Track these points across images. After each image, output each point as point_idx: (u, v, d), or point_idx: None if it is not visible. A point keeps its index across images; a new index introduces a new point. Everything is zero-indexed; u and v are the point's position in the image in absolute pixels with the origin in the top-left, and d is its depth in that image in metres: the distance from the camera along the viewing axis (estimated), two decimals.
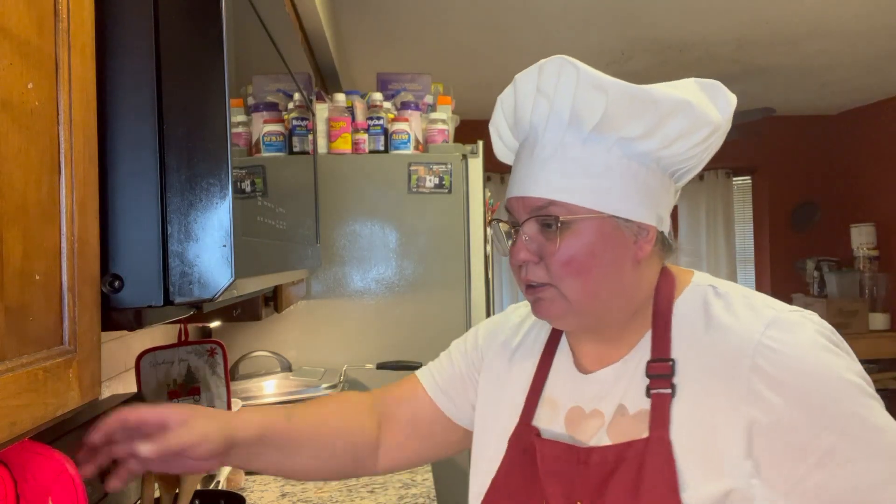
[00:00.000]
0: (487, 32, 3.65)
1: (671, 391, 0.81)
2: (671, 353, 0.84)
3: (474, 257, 2.27)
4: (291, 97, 1.19)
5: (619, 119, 0.82)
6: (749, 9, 3.40)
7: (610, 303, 0.86)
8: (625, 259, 0.85)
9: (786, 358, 0.77)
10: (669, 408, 0.81)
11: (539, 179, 0.84)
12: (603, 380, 0.89)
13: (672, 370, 0.82)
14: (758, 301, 0.85)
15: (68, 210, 0.59)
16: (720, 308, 0.84)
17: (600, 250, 0.83)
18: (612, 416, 0.85)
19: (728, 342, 0.81)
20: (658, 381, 0.82)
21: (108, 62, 0.69)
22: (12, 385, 0.50)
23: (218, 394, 1.38)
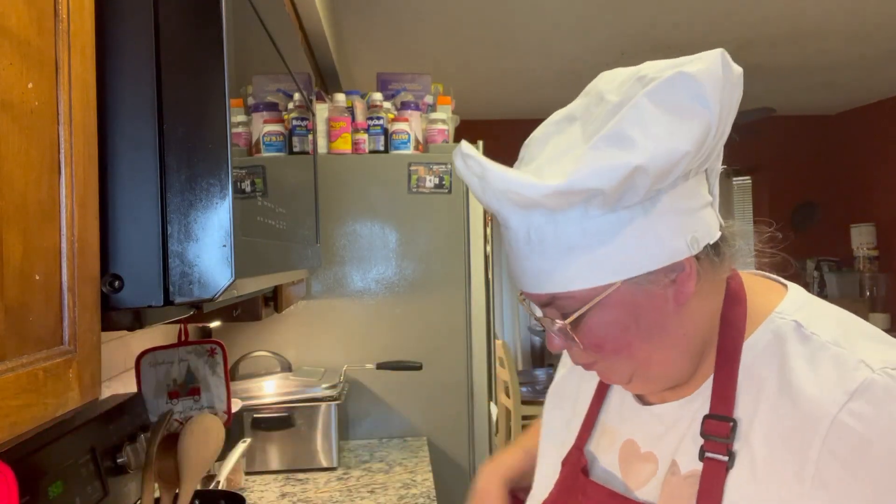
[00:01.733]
0: (487, 32, 3.65)
1: (728, 459, 0.68)
2: (734, 412, 0.70)
3: (474, 257, 2.27)
4: (291, 97, 1.19)
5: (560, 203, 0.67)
6: (749, 9, 3.40)
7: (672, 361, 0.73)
8: (664, 315, 0.71)
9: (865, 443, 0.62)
10: (724, 480, 0.68)
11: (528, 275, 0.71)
12: (661, 416, 0.77)
13: (732, 433, 0.69)
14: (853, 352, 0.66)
15: (68, 210, 0.59)
16: (801, 361, 0.68)
17: (631, 322, 0.70)
18: (665, 472, 0.74)
19: (799, 410, 0.65)
20: (714, 444, 0.69)
21: (108, 62, 0.69)
22: (12, 385, 0.50)
23: (218, 394, 1.38)
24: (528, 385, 4.70)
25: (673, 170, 0.65)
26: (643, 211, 0.67)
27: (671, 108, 0.64)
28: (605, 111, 0.68)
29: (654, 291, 0.69)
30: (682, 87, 0.65)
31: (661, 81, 0.65)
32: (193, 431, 1.22)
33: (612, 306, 0.69)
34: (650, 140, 0.63)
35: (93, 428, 1.16)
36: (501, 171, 0.66)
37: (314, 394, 1.97)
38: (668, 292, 0.70)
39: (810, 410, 0.65)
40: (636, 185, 0.64)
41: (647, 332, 0.71)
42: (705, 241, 0.70)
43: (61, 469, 1.03)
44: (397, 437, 2.26)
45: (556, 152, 0.70)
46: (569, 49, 3.98)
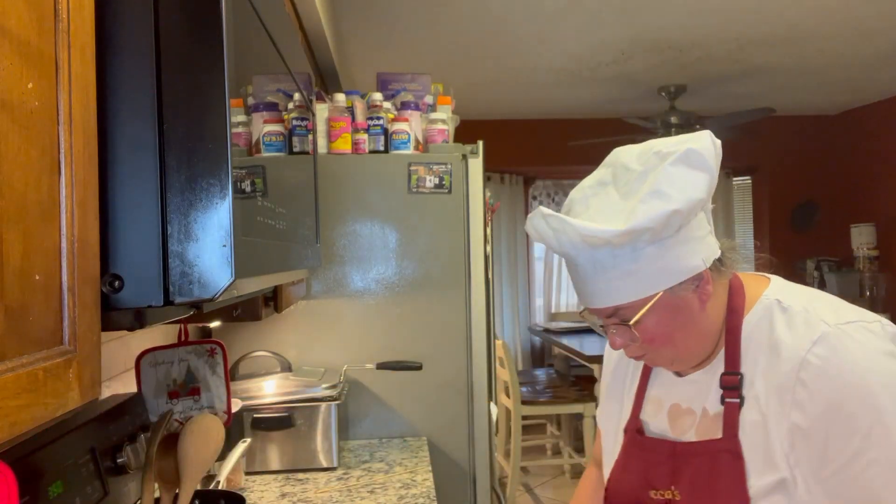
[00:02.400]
0: (487, 32, 3.65)
1: (740, 401, 0.98)
2: (740, 368, 0.99)
3: (474, 257, 2.27)
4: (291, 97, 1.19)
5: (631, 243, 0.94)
6: (749, 9, 3.40)
7: (700, 344, 1.02)
8: (693, 311, 0.99)
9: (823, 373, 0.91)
10: (738, 414, 0.97)
11: (595, 294, 0.98)
12: (693, 382, 1.05)
13: (740, 383, 0.98)
14: (817, 314, 0.96)
15: (68, 210, 0.59)
16: (782, 324, 0.97)
17: (671, 319, 0.98)
18: (700, 417, 1.03)
19: (781, 358, 0.95)
20: (729, 392, 0.99)
21: (108, 62, 0.69)
22: (12, 385, 0.50)
23: (218, 394, 1.38)
24: (528, 385, 4.70)
25: (695, 210, 0.93)
26: (674, 241, 0.95)
27: (688, 170, 0.93)
28: (634, 177, 0.96)
29: (685, 296, 0.98)
30: (693, 157, 0.93)
31: (679, 154, 0.93)
32: (193, 431, 1.22)
33: (659, 310, 0.97)
34: (680, 192, 0.91)
35: (93, 428, 1.16)
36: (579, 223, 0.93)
37: (314, 394, 1.97)
38: (694, 296, 0.98)
39: (788, 356, 0.94)
40: (671, 223, 0.92)
41: (683, 325, 0.99)
42: (712, 257, 0.99)
43: (61, 469, 1.03)
44: (397, 437, 2.26)
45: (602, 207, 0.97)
46: (569, 49, 3.97)
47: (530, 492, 4.50)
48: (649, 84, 4.73)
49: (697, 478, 0.99)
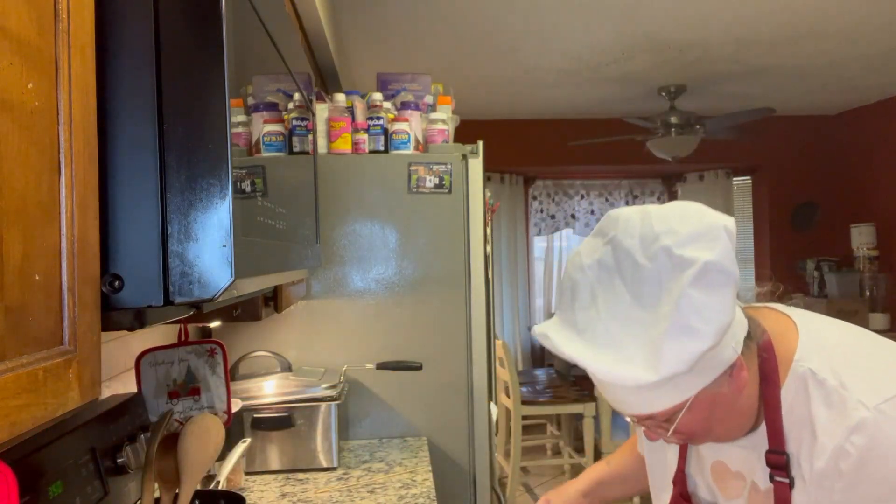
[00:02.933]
0: (487, 32, 3.65)
1: (790, 482, 0.94)
2: (785, 447, 0.95)
3: (474, 257, 2.27)
4: (291, 97, 1.19)
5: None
6: (748, 9, 3.40)
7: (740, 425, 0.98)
8: (729, 399, 0.94)
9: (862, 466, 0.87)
10: (790, 496, 0.94)
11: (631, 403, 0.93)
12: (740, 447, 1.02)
13: (787, 463, 0.94)
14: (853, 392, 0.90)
15: (68, 210, 0.59)
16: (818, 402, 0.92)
17: (709, 414, 0.93)
18: (749, 489, 1.00)
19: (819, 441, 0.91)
20: (777, 471, 0.95)
21: (108, 62, 0.69)
22: (12, 385, 0.50)
23: (218, 394, 1.38)
24: (528, 385, 4.69)
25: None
26: None
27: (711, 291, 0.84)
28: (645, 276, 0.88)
29: (720, 390, 0.92)
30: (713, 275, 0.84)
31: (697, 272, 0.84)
32: (193, 431, 1.22)
33: (694, 409, 0.92)
34: (709, 324, 0.83)
35: (93, 428, 1.16)
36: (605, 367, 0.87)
37: (314, 394, 1.97)
38: (729, 386, 0.92)
39: (827, 442, 0.90)
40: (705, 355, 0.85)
41: (720, 416, 0.94)
42: (742, 337, 0.93)
43: (61, 469, 1.02)
44: (397, 437, 2.26)
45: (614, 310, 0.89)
46: (569, 49, 3.97)
47: (530, 492, 4.50)
48: (649, 84, 4.73)
49: None
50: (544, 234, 6.38)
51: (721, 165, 6.20)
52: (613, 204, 6.39)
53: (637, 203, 6.40)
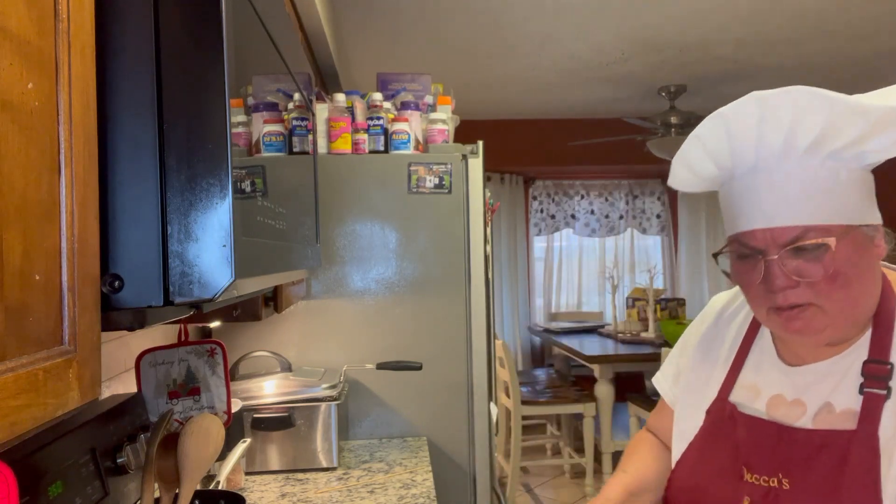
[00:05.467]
0: (487, 32, 3.65)
1: (886, 392, 0.87)
2: (890, 357, 0.89)
3: (474, 257, 2.27)
4: (291, 97, 1.19)
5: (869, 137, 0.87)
6: (748, 9, 3.40)
7: (863, 308, 0.91)
8: (872, 261, 0.91)
9: None
10: (882, 407, 0.87)
11: (786, 209, 0.88)
12: (811, 373, 0.95)
13: (890, 373, 0.88)
14: None
15: (68, 210, 0.59)
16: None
17: (857, 259, 0.89)
18: (818, 410, 0.92)
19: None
20: (873, 382, 0.89)
21: (108, 62, 0.69)
22: (12, 385, 0.50)
23: (218, 394, 1.38)
24: (527, 385, 4.69)
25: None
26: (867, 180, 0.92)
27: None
28: None
29: (869, 243, 0.90)
30: None
31: None
32: (193, 431, 1.22)
33: (847, 245, 0.88)
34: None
35: (93, 428, 1.16)
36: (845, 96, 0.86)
37: (314, 394, 1.97)
38: (873, 248, 0.91)
39: None
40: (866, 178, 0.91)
41: (865, 274, 0.89)
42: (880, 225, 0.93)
43: (61, 469, 1.02)
44: (397, 437, 2.26)
45: None
46: (568, 49, 3.97)
47: (530, 492, 4.50)
48: (649, 84, 4.73)
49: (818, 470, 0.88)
50: (544, 234, 6.38)
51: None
52: (613, 204, 6.40)
53: (637, 203, 6.41)
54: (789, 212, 0.88)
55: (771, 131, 0.88)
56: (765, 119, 0.88)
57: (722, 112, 0.91)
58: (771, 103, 0.87)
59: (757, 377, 1.01)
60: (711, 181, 1.00)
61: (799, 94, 0.86)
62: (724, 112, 0.91)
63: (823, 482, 0.87)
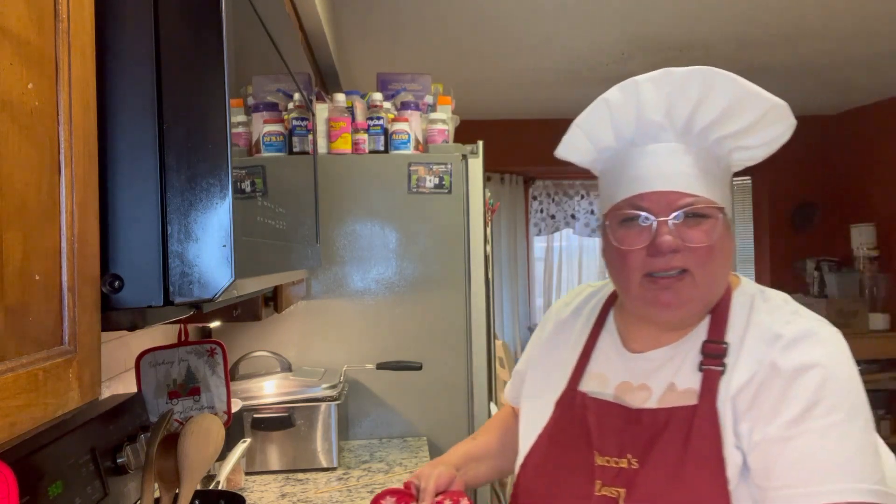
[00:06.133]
0: (487, 32, 3.65)
1: (722, 369, 0.94)
2: (725, 337, 0.97)
3: (474, 257, 2.27)
4: (291, 97, 1.19)
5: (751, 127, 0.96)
6: (749, 9, 3.40)
7: (718, 290, 0.99)
8: (731, 250, 1.00)
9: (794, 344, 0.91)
10: (718, 381, 0.93)
11: (683, 177, 0.95)
12: (653, 359, 1.01)
13: (725, 352, 0.95)
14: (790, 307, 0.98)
15: (68, 210, 0.59)
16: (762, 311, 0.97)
17: (725, 240, 0.97)
18: (663, 391, 0.98)
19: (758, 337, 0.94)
20: (711, 360, 0.95)
21: (108, 62, 0.69)
22: (12, 385, 0.50)
23: (218, 394, 1.38)
24: None
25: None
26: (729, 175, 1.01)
27: None
28: None
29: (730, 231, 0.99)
30: None
31: None
32: (193, 431, 1.22)
33: (720, 224, 0.96)
34: None
35: (93, 428, 1.16)
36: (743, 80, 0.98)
37: (314, 394, 1.97)
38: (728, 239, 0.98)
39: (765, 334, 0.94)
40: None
41: (727, 256, 0.98)
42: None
43: (61, 469, 1.02)
44: (397, 437, 2.26)
45: None
46: (569, 49, 3.97)
47: None
48: None
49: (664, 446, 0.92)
50: (544, 234, 6.38)
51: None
52: None
53: None
54: (686, 180, 0.95)
55: (679, 105, 0.95)
56: (675, 93, 0.95)
57: (636, 80, 0.97)
58: (684, 79, 0.95)
59: (604, 366, 1.06)
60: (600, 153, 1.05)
61: (709, 73, 0.95)
62: (637, 80, 0.96)
63: (669, 457, 0.91)
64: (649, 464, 0.92)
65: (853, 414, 0.87)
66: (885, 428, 5.09)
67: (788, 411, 0.87)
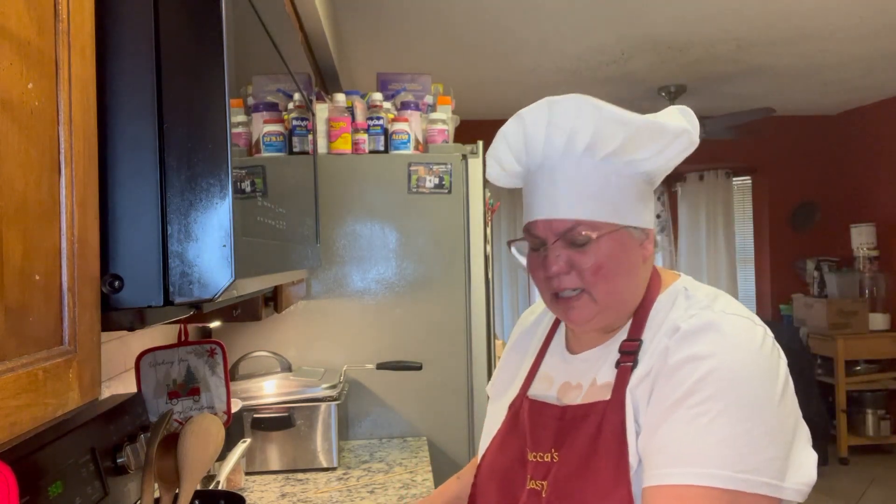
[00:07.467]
0: (487, 32, 3.65)
1: (633, 364, 0.98)
2: (641, 336, 1.01)
3: (474, 257, 2.27)
4: (291, 97, 1.19)
5: (632, 146, 0.98)
6: (749, 9, 3.40)
7: (627, 300, 1.02)
8: (637, 260, 1.02)
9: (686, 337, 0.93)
10: (629, 375, 0.97)
11: (563, 203, 0.99)
12: (586, 359, 1.06)
13: (638, 348, 0.99)
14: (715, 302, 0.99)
15: (68, 210, 0.59)
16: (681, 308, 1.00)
17: (621, 256, 0.99)
18: (587, 387, 1.03)
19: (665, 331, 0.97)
20: (626, 357, 1.00)
21: (108, 62, 0.69)
22: (12, 385, 0.50)
23: (218, 394, 1.38)
24: None
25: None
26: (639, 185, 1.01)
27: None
28: None
29: (636, 243, 1.01)
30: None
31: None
32: (193, 431, 1.22)
33: (613, 242, 0.99)
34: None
35: (93, 428, 1.16)
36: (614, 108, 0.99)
37: (314, 394, 1.97)
38: (639, 249, 1.02)
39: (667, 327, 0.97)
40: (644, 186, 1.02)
41: (627, 269, 1.00)
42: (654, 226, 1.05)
43: (61, 469, 1.02)
44: (397, 437, 2.26)
45: None
46: (569, 49, 3.97)
47: None
48: (649, 84, 4.73)
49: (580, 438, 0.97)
50: None
51: (721, 165, 6.20)
52: None
53: None
54: (565, 206, 0.99)
55: (555, 133, 0.98)
56: (551, 122, 0.98)
57: (521, 113, 1.01)
58: (557, 108, 0.97)
59: (551, 369, 1.12)
60: (515, 176, 1.09)
61: (578, 101, 0.96)
62: (522, 113, 1.00)
63: (582, 447, 0.96)
64: (566, 455, 0.98)
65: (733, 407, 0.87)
66: (885, 428, 5.09)
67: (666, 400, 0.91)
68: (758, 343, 0.93)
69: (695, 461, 0.86)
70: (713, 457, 0.85)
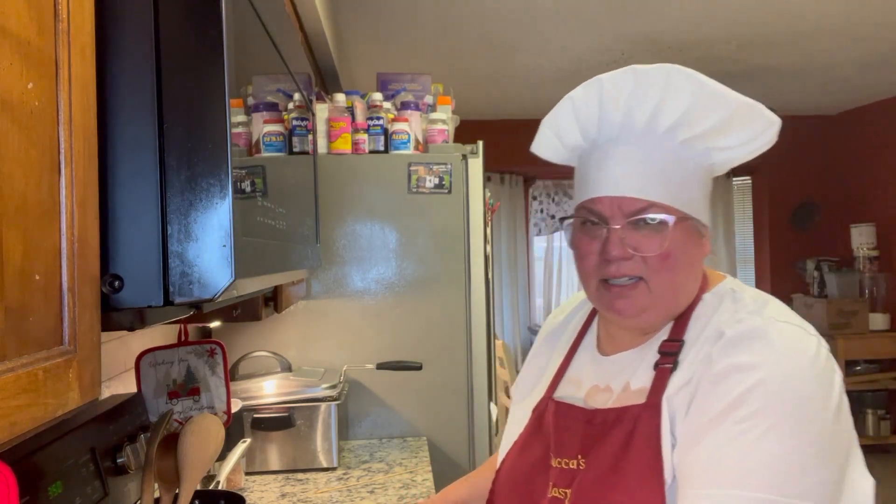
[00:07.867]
0: (488, 32, 3.65)
1: (673, 366, 0.91)
2: (684, 336, 0.93)
3: (474, 257, 2.27)
4: (291, 97, 1.19)
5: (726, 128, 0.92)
6: (749, 9, 3.40)
7: (680, 297, 0.95)
8: (699, 256, 0.96)
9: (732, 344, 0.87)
10: (668, 379, 0.90)
11: (637, 181, 0.92)
12: (618, 362, 0.99)
13: (679, 349, 0.92)
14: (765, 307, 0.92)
15: (68, 210, 0.59)
16: (727, 308, 0.93)
17: (687, 248, 0.93)
18: (619, 392, 0.96)
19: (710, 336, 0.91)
20: (665, 358, 0.92)
21: (108, 62, 0.69)
22: (12, 385, 0.50)
23: (218, 394, 1.38)
24: None
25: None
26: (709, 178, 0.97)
27: None
28: None
29: (699, 238, 0.95)
30: None
31: None
32: (193, 431, 1.22)
33: (683, 231, 0.92)
34: None
35: (93, 428, 1.16)
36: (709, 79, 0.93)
37: (314, 394, 1.97)
38: (699, 244, 0.96)
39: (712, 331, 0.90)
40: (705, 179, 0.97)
41: (690, 264, 0.94)
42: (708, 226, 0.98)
43: (61, 469, 1.02)
44: (397, 437, 2.26)
45: None
46: (569, 49, 3.97)
47: None
48: None
49: (609, 444, 0.90)
50: (544, 234, 6.38)
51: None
52: None
53: None
54: (639, 184, 0.92)
55: (640, 105, 0.91)
56: (636, 93, 0.91)
57: (600, 78, 0.93)
58: (645, 78, 0.91)
59: (580, 371, 1.05)
60: (571, 151, 1.02)
61: (672, 71, 0.90)
62: (602, 78, 0.93)
63: (612, 454, 0.89)
64: (594, 462, 0.91)
65: (782, 425, 0.79)
66: (885, 428, 5.10)
67: (707, 412, 0.83)
68: (811, 354, 0.85)
69: (736, 482, 0.78)
70: (757, 478, 0.78)
